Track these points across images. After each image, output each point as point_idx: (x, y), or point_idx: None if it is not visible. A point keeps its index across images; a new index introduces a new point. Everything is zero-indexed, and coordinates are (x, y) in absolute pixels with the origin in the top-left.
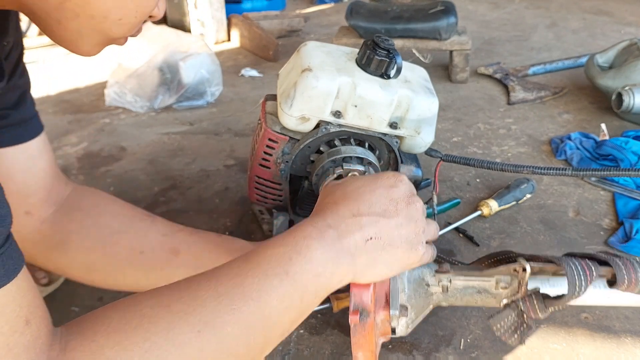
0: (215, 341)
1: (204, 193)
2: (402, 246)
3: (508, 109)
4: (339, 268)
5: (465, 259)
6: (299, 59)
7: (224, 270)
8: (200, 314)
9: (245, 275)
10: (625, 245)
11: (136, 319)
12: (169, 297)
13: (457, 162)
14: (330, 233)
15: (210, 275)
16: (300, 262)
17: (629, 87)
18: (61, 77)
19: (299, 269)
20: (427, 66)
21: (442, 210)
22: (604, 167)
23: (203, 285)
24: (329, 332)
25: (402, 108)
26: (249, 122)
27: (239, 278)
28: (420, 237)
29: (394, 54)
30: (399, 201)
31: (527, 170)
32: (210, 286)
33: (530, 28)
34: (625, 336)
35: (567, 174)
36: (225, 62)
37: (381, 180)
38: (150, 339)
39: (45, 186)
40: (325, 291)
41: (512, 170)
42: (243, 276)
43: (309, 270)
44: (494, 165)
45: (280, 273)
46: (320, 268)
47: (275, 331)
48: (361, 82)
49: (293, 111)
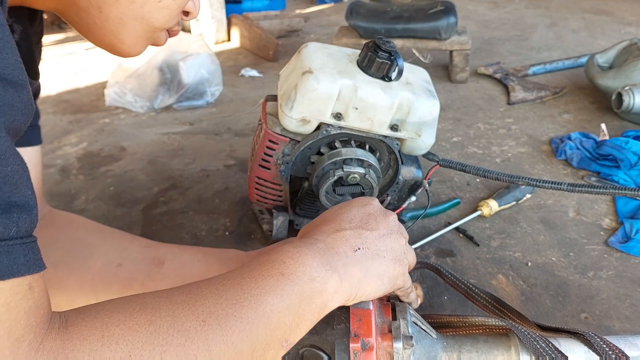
0: (221, 333)
1: (204, 193)
2: (388, 255)
3: (508, 109)
4: (332, 275)
5: (465, 259)
6: (300, 60)
7: (220, 276)
8: (204, 305)
9: (242, 277)
10: (625, 245)
11: (139, 305)
12: (169, 292)
13: (454, 167)
14: (319, 245)
15: (207, 280)
16: (294, 265)
17: (629, 87)
18: (61, 77)
19: (294, 270)
20: (427, 66)
21: (442, 210)
22: (600, 182)
23: (202, 285)
24: (328, 332)
25: (403, 111)
26: (249, 122)
27: (236, 280)
28: (404, 248)
29: (395, 56)
30: (376, 215)
31: (522, 181)
32: (210, 285)
33: (530, 28)
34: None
35: (562, 188)
36: (225, 62)
37: (354, 202)
38: (154, 322)
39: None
40: (321, 299)
41: (507, 180)
42: (240, 278)
43: (303, 273)
44: (490, 174)
45: (275, 274)
46: (313, 272)
47: (277, 332)
48: (362, 84)
49: (294, 113)
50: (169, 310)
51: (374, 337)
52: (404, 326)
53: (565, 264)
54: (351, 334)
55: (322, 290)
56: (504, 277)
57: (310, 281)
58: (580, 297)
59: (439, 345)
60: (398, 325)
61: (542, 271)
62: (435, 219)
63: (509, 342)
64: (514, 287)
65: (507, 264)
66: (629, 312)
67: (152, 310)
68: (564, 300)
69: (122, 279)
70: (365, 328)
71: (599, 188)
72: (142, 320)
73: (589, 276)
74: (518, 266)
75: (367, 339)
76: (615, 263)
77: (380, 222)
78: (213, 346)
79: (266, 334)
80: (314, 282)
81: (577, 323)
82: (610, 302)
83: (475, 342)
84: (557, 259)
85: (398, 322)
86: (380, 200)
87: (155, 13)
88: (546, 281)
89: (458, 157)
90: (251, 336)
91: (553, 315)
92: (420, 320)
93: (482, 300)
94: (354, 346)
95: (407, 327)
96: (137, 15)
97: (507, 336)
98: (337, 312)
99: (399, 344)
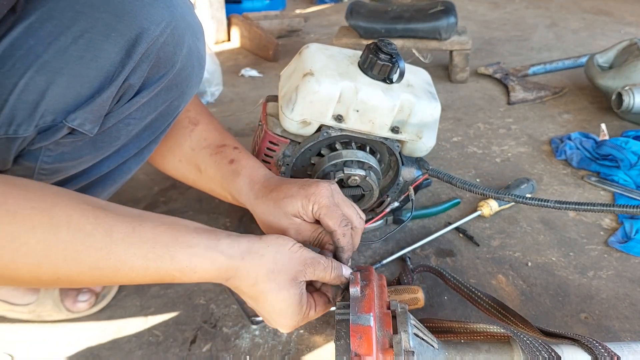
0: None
1: (203, 193)
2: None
3: (508, 108)
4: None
5: (465, 258)
6: (301, 62)
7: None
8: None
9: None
10: (625, 245)
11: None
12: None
13: (441, 178)
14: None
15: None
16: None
17: (629, 87)
18: None
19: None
20: (427, 66)
21: (442, 210)
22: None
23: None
24: (328, 332)
25: (404, 113)
26: (249, 122)
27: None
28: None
29: (396, 58)
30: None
31: (509, 198)
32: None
33: (530, 28)
34: (624, 336)
35: (549, 206)
36: (225, 62)
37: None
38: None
39: None
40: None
41: (494, 197)
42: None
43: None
44: (476, 189)
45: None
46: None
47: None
48: (363, 86)
49: (294, 115)
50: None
51: (375, 355)
52: (405, 339)
53: (565, 264)
54: (352, 353)
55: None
56: (503, 277)
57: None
58: (580, 297)
59: (441, 357)
60: (399, 339)
61: (542, 271)
62: (435, 219)
63: (511, 351)
64: (513, 287)
65: (507, 264)
66: (628, 311)
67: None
68: (564, 300)
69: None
70: (366, 346)
71: (585, 205)
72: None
73: (589, 276)
74: (518, 266)
75: (368, 358)
76: (615, 263)
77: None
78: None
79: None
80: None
81: (577, 323)
82: (610, 302)
83: (477, 351)
84: (557, 258)
85: (399, 337)
86: (381, 200)
87: None
88: (546, 281)
89: (458, 157)
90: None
91: (553, 315)
92: (421, 330)
93: (484, 304)
94: None
95: (409, 340)
96: None
97: (510, 344)
98: (337, 326)
99: None
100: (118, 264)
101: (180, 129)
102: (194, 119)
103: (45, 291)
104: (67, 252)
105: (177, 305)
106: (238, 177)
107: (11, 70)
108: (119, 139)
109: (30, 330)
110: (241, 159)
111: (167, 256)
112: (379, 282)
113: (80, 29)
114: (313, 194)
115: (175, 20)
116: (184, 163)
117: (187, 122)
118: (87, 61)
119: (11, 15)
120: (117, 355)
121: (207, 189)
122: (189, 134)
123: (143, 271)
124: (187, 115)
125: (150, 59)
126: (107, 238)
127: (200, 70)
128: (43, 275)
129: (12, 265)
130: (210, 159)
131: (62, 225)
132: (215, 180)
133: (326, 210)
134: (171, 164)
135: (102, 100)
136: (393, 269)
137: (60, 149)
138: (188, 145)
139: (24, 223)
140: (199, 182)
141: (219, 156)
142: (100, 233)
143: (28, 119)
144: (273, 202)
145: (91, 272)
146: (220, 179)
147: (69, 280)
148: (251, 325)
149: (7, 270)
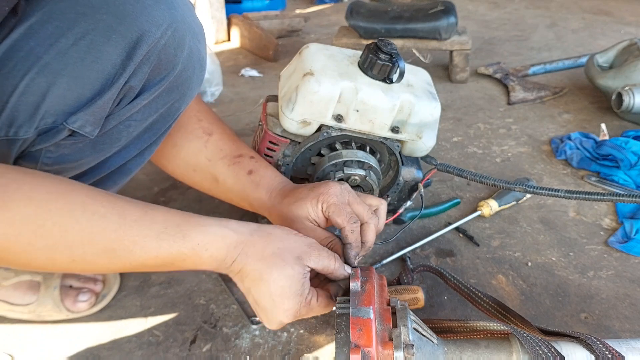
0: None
1: (204, 193)
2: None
3: (508, 108)
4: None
5: (465, 258)
6: (301, 62)
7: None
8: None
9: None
10: (625, 245)
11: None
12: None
13: (451, 172)
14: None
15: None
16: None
17: (629, 87)
18: None
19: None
20: (427, 66)
21: (442, 210)
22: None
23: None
24: (328, 332)
25: (404, 113)
26: (249, 122)
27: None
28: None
29: (396, 58)
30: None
31: (520, 188)
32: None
33: (530, 28)
34: (624, 336)
35: (560, 195)
36: (225, 62)
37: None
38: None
39: None
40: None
41: (505, 187)
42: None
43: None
44: (487, 180)
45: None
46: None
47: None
48: (363, 86)
49: (294, 115)
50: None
51: (375, 347)
52: (405, 333)
53: (565, 264)
54: (352, 345)
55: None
56: (503, 277)
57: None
58: (579, 297)
59: (440, 351)
60: (399, 333)
61: (541, 271)
62: (435, 219)
63: (510, 347)
64: (513, 287)
65: (507, 264)
66: (628, 311)
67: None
68: (564, 299)
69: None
70: (366, 338)
71: (597, 195)
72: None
73: (589, 276)
74: (518, 266)
75: (368, 349)
76: (615, 263)
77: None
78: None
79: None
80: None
81: (577, 323)
82: (610, 302)
83: (476, 347)
84: (557, 258)
85: (399, 330)
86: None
87: None
88: (546, 281)
89: (458, 157)
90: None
91: (553, 314)
92: (421, 326)
93: (484, 304)
94: (354, 357)
95: (408, 334)
96: None
97: (509, 341)
98: (337, 320)
99: (399, 353)
100: (131, 246)
101: (195, 139)
102: (208, 129)
103: (46, 291)
104: (83, 233)
105: (177, 305)
106: (258, 188)
107: (12, 71)
108: (119, 140)
109: (30, 330)
110: (259, 169)
111: (180, 235)
112: (379, 282)
113: (81, 31)
114: (322, 194)
115: (176, 22)
116: (199, 172)
117: (201, 132)
118: (87, 63)
119: (12, 17)
120: (117, 355)
121: (224, 197)
122: (204, 145)
123: (155, 252)
124: (201, 125)
125: (151, 61)
126: (121, 220)
127: (201, 72)
128: (58, 258)
129: (29, 247)
130: (228, 170)
131: (77, 209)
132: (233, 191)
133: (334, 208)
134: (185, 173)
135: (102, 103)
136: (393, 269)
137: (61, 151)
138: (204, 156)
139: (40, 206)
140: (215, 190)
141: (237, 167)
142: (114, 215)
143: (29, 121)
144: (286, 208)
145: (106, 254)
146: (240, 190)
147: (83, 262)
148: (251, 325)
149: (24, 253)
